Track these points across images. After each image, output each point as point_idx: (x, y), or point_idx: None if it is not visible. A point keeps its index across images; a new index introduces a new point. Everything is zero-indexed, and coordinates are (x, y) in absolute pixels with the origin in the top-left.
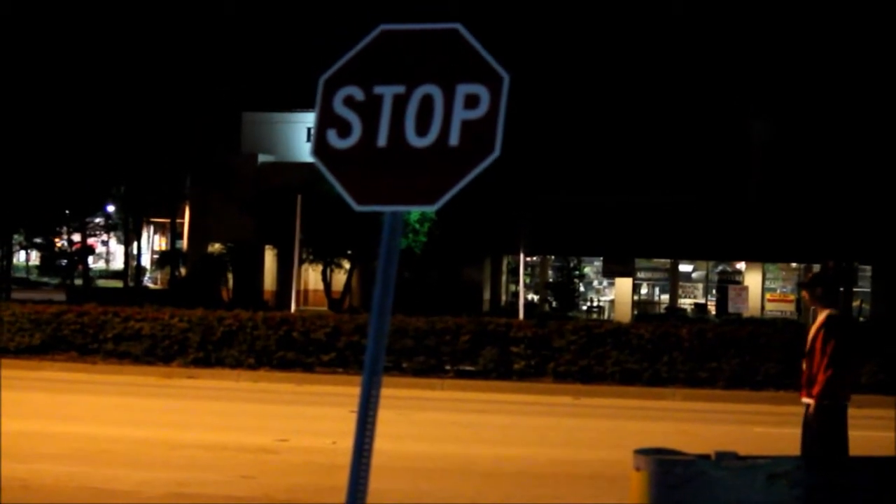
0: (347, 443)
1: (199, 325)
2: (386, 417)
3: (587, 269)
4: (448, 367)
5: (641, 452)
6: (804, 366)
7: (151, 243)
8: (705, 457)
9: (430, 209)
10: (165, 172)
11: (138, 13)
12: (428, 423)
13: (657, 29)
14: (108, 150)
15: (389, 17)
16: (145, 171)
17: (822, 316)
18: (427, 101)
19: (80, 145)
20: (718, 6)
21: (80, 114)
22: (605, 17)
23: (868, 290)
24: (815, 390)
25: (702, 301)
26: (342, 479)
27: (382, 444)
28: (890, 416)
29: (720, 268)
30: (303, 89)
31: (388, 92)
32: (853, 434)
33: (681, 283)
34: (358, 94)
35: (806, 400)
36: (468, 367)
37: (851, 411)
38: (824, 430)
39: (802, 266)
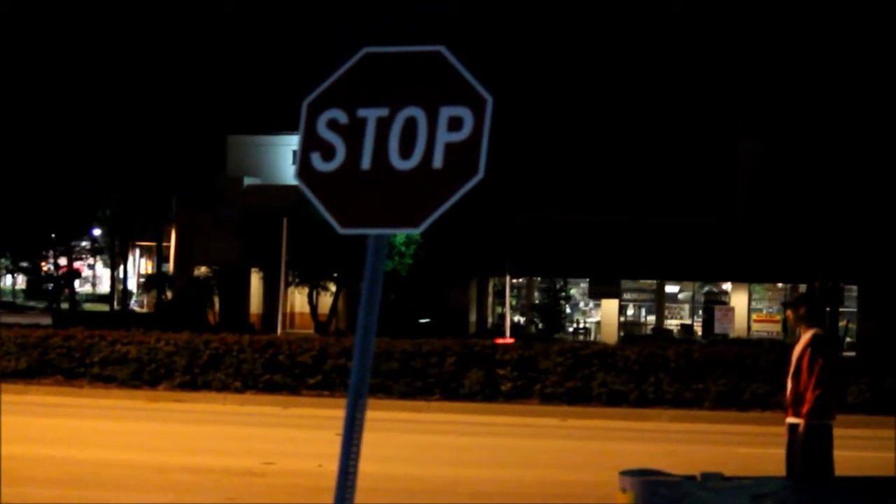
0: (334, 466)
1: (186, 349)
2: (372, 440)
3: (573, 291)
4: (434, 390)
5: (627, 474)
6: (790, 385)
7: (137, 267)
8: (691, 478)
9: (415, 232)
10: (151, 195)
11: (125, 38)
12: (414, 445)
13: (643, 49)
14: (94, 173)
15: (373, 40)
16: (131, 194)
17: (807, 335)
18: (411, 124)
19: (66, 168)
20: (705, 27)
21: (66, 137)
22: (591, 37)
23: (854, 309)
24: (804, 409)
25: (688, 322)
26: (328, 501)
27: (368, 466)
28: (877, 436)
29: (706, 288)
30: (288, 112)
31: (371, 115)
32: (840, 454)
33: (667, 304)
34: (341, 116)
35: (792, 420)
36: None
37: (837, 431)
38: (812, 449)
39: (789, 286)
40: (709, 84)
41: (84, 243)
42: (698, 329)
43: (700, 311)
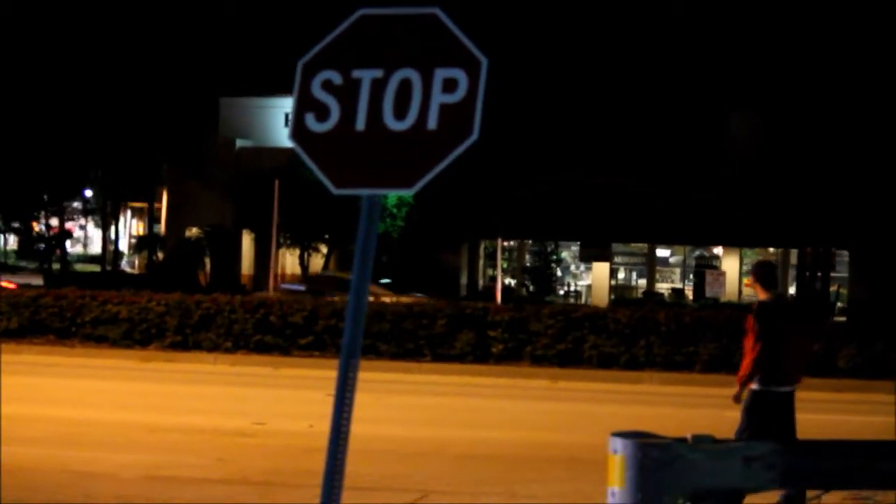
0: (324, 426)
1: (177, 309)
2: (363, 401)
3: (564, 254)
4: (425, 351)
5: (618, 435)
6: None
7: (129, 228)
8: (682, 440)
9: (408, 193)
10: (143, 157)
11: (117, 1)
12: (405, 406)
13: (638, 16)
14: (85, 134)
15: (368, 2)
16: (123, 155)
17: (757, 303)
18: (405, 86)
19: (58, 130)
20: (701, 1)
21: (58, 99)
22: (589, 4)
23: (845, 275)
24: (739, 374)
25: (679, 286)
26: (319, 462)
27: (359, 427)
28: (867, 400)
29: (697, 253)
30: (281, 74)
31: (366, 76)
32: (831, 418)
33: (658, 268)
34: (336, 78)
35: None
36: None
37: (830, 395)
38: (748, 412)
39: (780, 251)
40: (702, 52)
41: (76, 204)
42: (689, 293)
43: (691, 276)
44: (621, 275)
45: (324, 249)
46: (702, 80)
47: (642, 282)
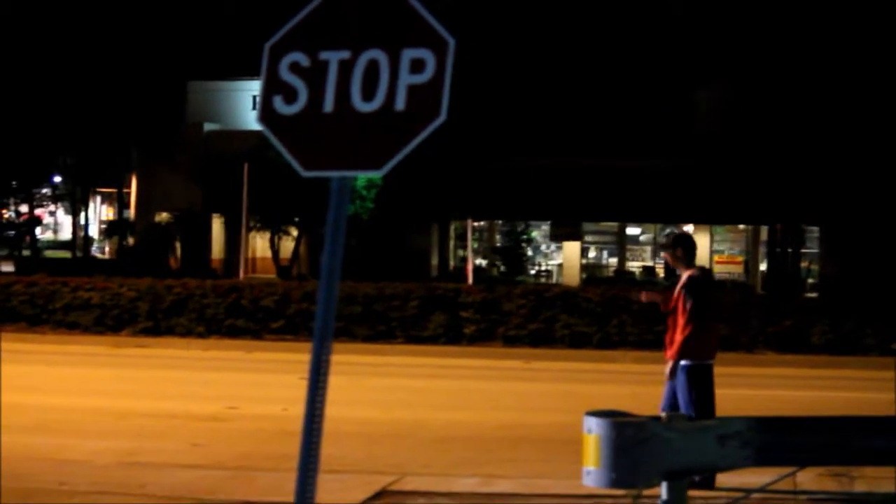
0: (298, 409)
1: (148, 294)
2: (336, 384)
3: (535, 234)
4: (397, 333)
5: (593, 415)
6: (670, 326)
7: (99, 213)
8: (657, 418)
9: (377, 174)
10: (111, 142)
11: None
12: (378, 388)
13: None
14: (53, 120)
15: None
16: (91, 140)
17: (684, 276)
18: (373, 67)
19: (25, 116)
20: None
21: (24, 85)
22: None
23: (816, 250)
24: (671, 351)
25: (650, 264)
26: (294, 446)
27: (333, 410)
28: (839, 376)
29: (668, 230)
30: (248, 57)
31: (333, 57)
32: (804, 394)
33: (629, 247)
34: (303, 59)
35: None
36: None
37: (805, 371)
38: (691, 388)
39: (750, 227)
40: (668, 26)
41: (45, 190)
42: (660, 271)
43: (661, 253)
44: (592, 254)
45: (294, 233)
46: (667, 55)
47: (613, 260)
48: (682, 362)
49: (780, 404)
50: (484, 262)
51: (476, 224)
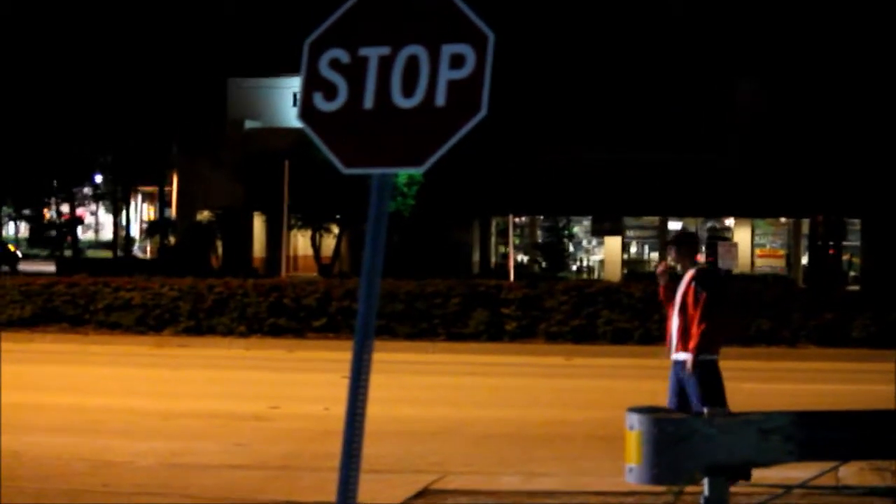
0: (340, 409)
1: (190, 294)
2: (378, 382)
3: (576, 229)
4: (439, 331)
5: (634, 411)
6: (677, 321)
7: (140, 212)
8: (698, 414)
9: (418, 171)
10: (152, 141)
11: None
12: (420, 386)
13: None
14: (94, 119)
15: None
16: (132, 139)
17: (690, 271)
18: (413, 62)
19: (67, 115)
20: None
21: (66, 84)
22: None
23: (857, 243)
24: (691, 345)
25: None
26: (336, 445)
27: (374, 408)
28: (881, 370)
29: (709, 224)
30: (289, 54)
31: (373, 53)
32: (844, 388)
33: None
34: (343, 56)
35: (679, 355)
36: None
37: (847, 365)
38: (706, 383)
39: (791, 221)
40: (709, 21)
41: (86, 190)
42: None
43: (703, 247)
44: (633, 249)
45: (335, 230)
46: (709, 48)
47: (654, 255)
48: (700, 357)
49: (822, 398)
50: (525, 259)
51: (517, 220)
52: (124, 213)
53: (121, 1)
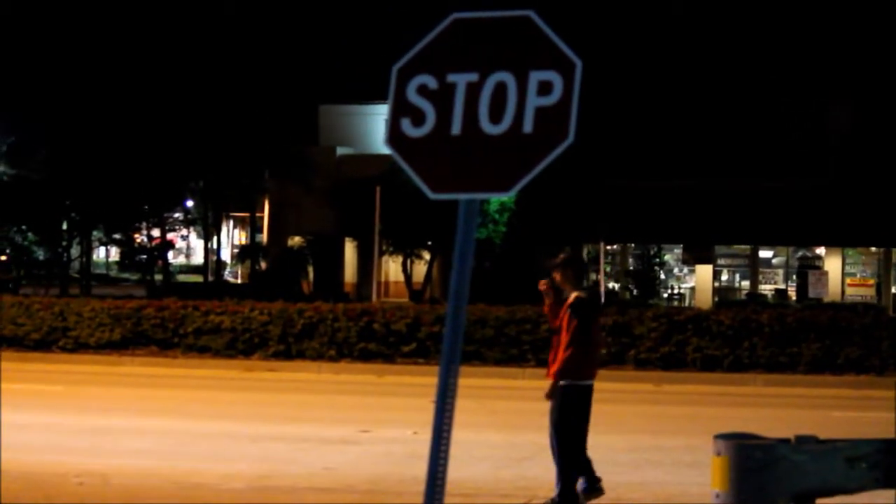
0: (428, 433)
1: (280, 318)
2: (466, 407)
3: (667, 257)
4: (529, 357)
5: (722, 437)
6: (553, 344)
7: (231, 237)
8: (785, 441)
9: (506, 196)
10: (244, 166)
11: (218, 10)
12: (508, 411)
13: (733, 11)
14: (186, 144)
15: (462, 5)
16: (224, 165)
17: (571, 297)
18: (500, 89)
19: (159, 141)
20: None
21: (159, 109)
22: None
23: None
24: (553, 369)
25: (782, 286)
26: (423, 468)
27: (463, 433)
28: None
29: (800, 253)
30: (380, 81)
31: (461, 80)
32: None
33: (761, 269)
34: (431, 82)
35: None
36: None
37: (880, 392)
38: (565, 408)
39: (882, 250)
40: (800, 47)
41: (177, 214)
42: (792, 294)
43: (794, 276)
44: (724, 276)
45: (427, 256)
46: (801, 74)
47: (745, 283)
48: (561, 382)
49: None
50: (616, 286)
51: (609, 247)
52: (215, 237)
53: (216, 29)
